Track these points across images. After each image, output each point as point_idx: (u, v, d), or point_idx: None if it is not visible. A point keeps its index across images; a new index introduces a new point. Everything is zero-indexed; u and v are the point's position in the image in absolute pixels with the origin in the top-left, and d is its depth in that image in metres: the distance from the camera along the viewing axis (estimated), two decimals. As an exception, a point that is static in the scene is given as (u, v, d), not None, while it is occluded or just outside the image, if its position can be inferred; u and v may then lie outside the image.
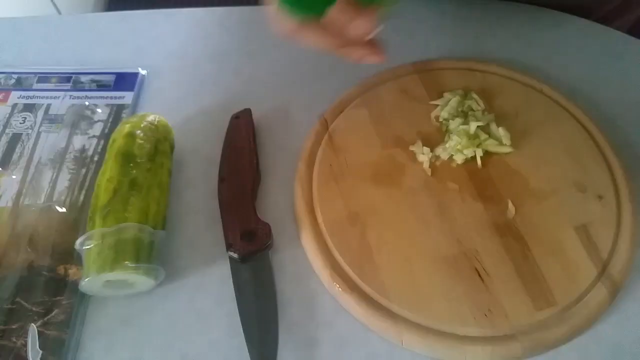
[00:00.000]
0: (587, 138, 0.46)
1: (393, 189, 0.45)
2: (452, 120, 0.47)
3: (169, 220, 0.45)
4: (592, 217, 0.42)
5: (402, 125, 0.48)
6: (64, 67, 0.56)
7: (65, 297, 0.41)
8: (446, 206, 0.44)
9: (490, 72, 0.51)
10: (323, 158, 0.47)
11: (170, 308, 0.41)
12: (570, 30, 0.56)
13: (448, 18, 0.58)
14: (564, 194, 0.44)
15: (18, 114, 0.52)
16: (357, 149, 0.47)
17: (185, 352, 0.40)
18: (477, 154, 0.45)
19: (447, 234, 0.42)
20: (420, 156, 0.46)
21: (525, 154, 0.46)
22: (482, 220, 0.43)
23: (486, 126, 0.47)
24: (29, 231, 0.44)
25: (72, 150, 0.49)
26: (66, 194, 0.47)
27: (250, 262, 0.42)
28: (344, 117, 0.49)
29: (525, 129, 0.47)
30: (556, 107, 0.49)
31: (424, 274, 0.41)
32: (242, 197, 0.45)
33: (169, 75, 0.55)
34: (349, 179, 0.46)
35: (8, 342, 0.39)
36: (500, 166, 0.46)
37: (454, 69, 0.52)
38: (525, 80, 0.51)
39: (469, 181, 0.45)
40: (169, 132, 0.48)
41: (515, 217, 0.43)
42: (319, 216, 0.44)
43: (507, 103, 0.49)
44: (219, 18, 0.60)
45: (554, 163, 0.45)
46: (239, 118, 0.50)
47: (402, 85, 0.51)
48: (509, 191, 0.44)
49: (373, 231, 0.43)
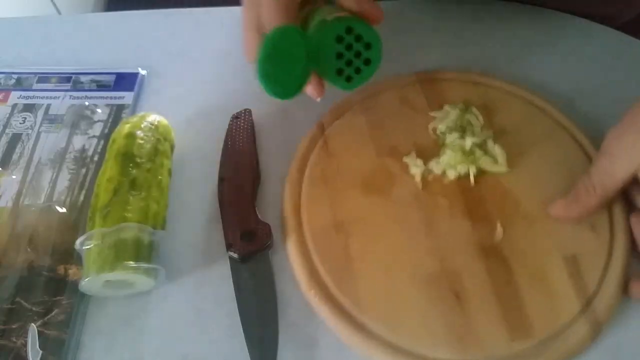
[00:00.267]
0: (587, 163, 0.44)
1: (382, 199, 0.44)
2: (449, 134, 0.46)
3: (169, 220, 0.45)
4: (583, 247, 0.41)
5: (398, 135, 0.48)
6: (63, 67, 0.56)
7: (65, 297, 0.41)
8: (434, 222, 0.43)
9: (494, 86, 0.50)
10: (316, 162, 0.46)
11: (170, 308, 0.41)
12: (570, 30, 0.56)
13: (450, 22, 0.58)
14: (556, 220, 0.42)
15: (18, 114, 0.52)
16: (350, 155, 0.47)
17: (185, 352, 0.39)
18: (471, 171, 0.44)
19: (431, 250, 0.41)
20: (413, 168, 0.45)
21: (521, 174, 0.45)
22: (468, 240, 0.42)
23: (483, 143, 0.46)
24: (29, 231, 0.44)
25: (72, 151, 0.49)
26: (66, 194, 0.47)
27: (250, 262, 0.42)
28: (341, 123, 0.49)
29: (523, 148, 0.46)
30: (557, 128, 0.47)
31: (402, 290, 0.39)
32: (242, 197, 0.45)
33: (169, 75, 0.55)
34: (339, 185, 0.45)
35: (8, 342, 0.39)
36: (493, 185, 0.44)
37: (457, 80, 0.51)
38: (529, 97, 0.49)
39: (460, 198, 0.44)
40: (169, 132, 0.48)
41: (502, 240, 0.41)
42: (304, 220, 0.43)
43: (507, 119, 0.48)
44: (219, 18, 0.60)
45: (549, 186, 0.44)
46: (239, 118, 0.50)
47: (403, 94, 0.50)
48: (499, 212, 0.43)
49: (356, 241, 0.42)
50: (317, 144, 0.48)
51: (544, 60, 0.54)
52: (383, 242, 0.42)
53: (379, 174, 0.45)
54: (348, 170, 0.46)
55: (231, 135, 0.49)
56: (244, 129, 0.49)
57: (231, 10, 0.60)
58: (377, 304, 0.39)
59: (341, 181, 0.45)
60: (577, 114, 0.49)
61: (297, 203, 0.44)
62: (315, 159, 0.47)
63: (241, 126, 0.49)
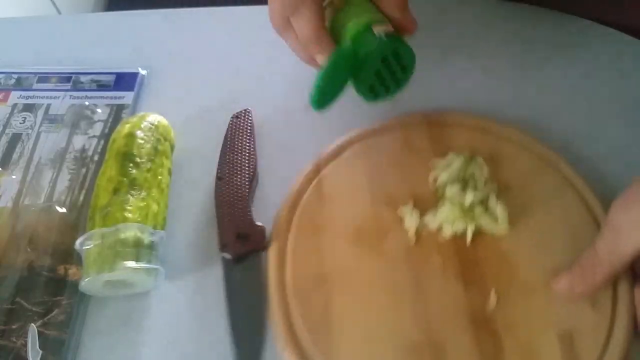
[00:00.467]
0: (595, 229, 0.41)
1: (372, 253, 0.41)
2: (450, 186, 0.43)
3: (169, 220, 0.45)
4: (581, 324, 0.37)
5: (396, 182, 0.45)
6: (64, 67, 0.56)
7: (65, 297, 0.41)
8: (423, 283, 0.40)
9: (505, 136, 0.47)
10: (307, 205, 0.44)
11: (169, 308, 0.41)
12: (570, 30, 0.56)
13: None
14: (554, 292, 0.39)
15: (18, 114, 0.52)
16: (344, 202, 0.44)
17: (185, 352, 0.39)
18: (469, 230, 0.41)
19: (418, 315, 0.38)
20: (408, 221, 0.42)
21: (522, 237, 0.41)
22: (459, 306, 0.39)
23: (485, 199, 0.42)
24: (29, 231, 0.44)
25: (72, 150, 0.49)
26: (66, 194, 0.47)
27: (243, 263, 0.42)
28: (338, 164, 0.46)
29: (527, 207, 0.43)
30: (566, 186, 0.44)
31: (382, 359, 0.37)
32: (238, 197, 0.45)
33: (169, 75, 0.55)
34: (328, 234, 0.42)
35: (8, 342, 0.39)
36: (492, 247, 0.41)
37: (465, 126, 0.48)
38: (539, 150, 0.46)
39: (455, 258, 0.41)
40: (168, 132, 0.48)
41: (495, 310, 0.38)
42: (287, 270, 0.41)
43: (514, 173, 0.45)
44: (219, 18, 0.60)
45: (551, 252, 0.40)
46: (239, 118, 0.50)
47: (406, 137, 0.47)
48: (495, 278, 0.40)
49: (340, 298, 0.39)
50: (311, 185, 0.45)
51: (544, 57, 0.54)
52: (368, 302, 0.39)
53: (371, 225, 0.43)
54: (340, 217, 0.43)
55: (231, 135, 0.49)
56: (244, 129, 0.49)
57: (231, 10, 0.60)
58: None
59: (331, 230, 0.43)
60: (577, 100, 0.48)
61: (282, 250, 0.42)
62: (307, 202, 0.44)
63: (241, 126, 0.49)
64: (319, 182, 0.45)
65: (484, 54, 0.54)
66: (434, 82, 0.52)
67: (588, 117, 0.49)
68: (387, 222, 0.43)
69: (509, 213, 0.42)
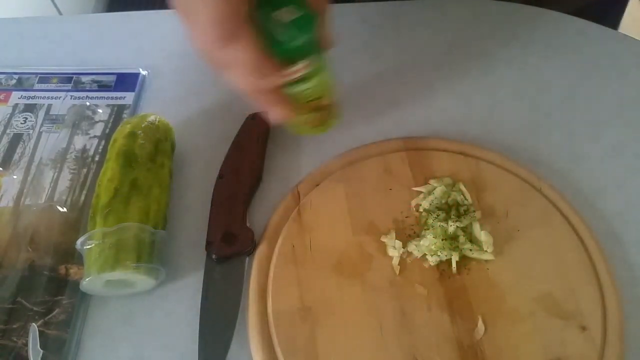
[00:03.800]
0: (582, 253, 0.41)
1: (355, 284, 0.40)
2: (432, 213, 0.43)
3: (169, 220, 0.45)
4: (570, 351, 0.37)
5: (378, 210, 0.44)
6: (64, 67, 0.56)
7: (66, 297, 0.41)
8: (409, 313, 0.39)
9: (486, 160, 0.46)
10: (287, 236, 0.43)
11: (170, 308, 0.42)
12: (570, 30, 0.56)
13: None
14: (543, 319, 0.38)
15: (19, 114, 0.52)
16: (325, 231, 0.43)
17: (185, 352, 0.40)
18: (453, 259, 0.41)
19: (404, 348, 0.38)
20: (390, 250, 0.42)
21: (508, 264, 0.41)
22: (445, 336, 0.38)
23: (468, 226, 0.42)
24: (30, 231, 0.44)
25: (73, 151, 0.49)
26: (67, 194, 0.47)
27: (225, 265, 0.42)
28: (319, 192, 0.45)
29: (512, 233, 0.42)
30: (551, 210, 0.43)
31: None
32: (235, 197, 0.45)
33: (169, 76, 0.55)
34: (309, 265, 0.41)
35: (9, 342, 0.39)
36: (478, 275, 0.41)
37: (446, 151, 0.47)
38: (524, 175, 0.45)
39: (440, 287, 0.40)
40: (169, 132, 0.48)
41: (482, 338, 0.38)
42: (269, 304, 0.40)
43: (497, 197, 0.44)
44: (219, 18, 0.60)
45: (538, 279, 0.40)
46: (254, 119, 0.49)
47: (387, 163, 0.46)
48: (481, 306, 0.39)
49: (324, 332, 0.39)
50: (291, 215, 0.44)
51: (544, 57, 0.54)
52: (353, 335, 0.39)
53: (353, 255, 0.42)
54: (321, 248, 0.42)
55: (241, 135, 0.48)
56: (256, 130, 0.48)
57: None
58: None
59: (313, 261, 0.42)
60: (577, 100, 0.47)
61: (264, 283, 0.41)
62: (287, 232, 0.43)
63: (253, 127, 0.48)
64: (298, 212, 0.44)
65: (483, 54, 0.55)
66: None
67: (585, 119, 0.49)
68: (369, 251, 0.42)
69: (494, 239, 0.41)
